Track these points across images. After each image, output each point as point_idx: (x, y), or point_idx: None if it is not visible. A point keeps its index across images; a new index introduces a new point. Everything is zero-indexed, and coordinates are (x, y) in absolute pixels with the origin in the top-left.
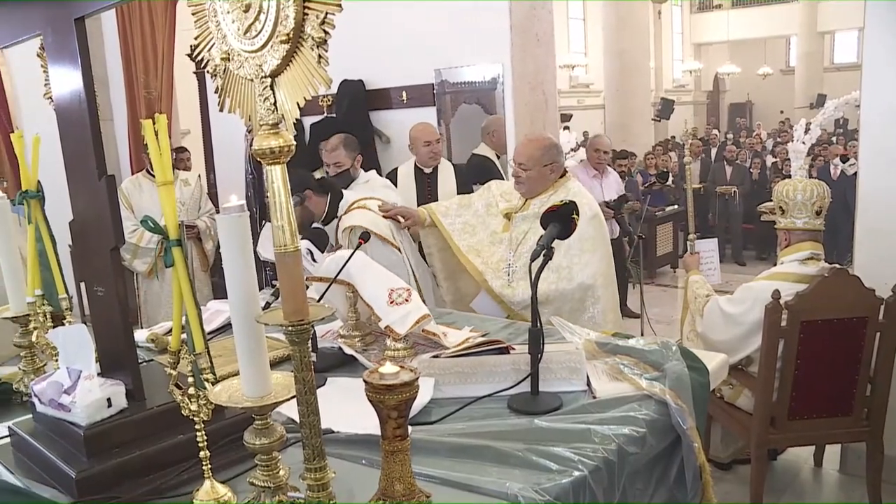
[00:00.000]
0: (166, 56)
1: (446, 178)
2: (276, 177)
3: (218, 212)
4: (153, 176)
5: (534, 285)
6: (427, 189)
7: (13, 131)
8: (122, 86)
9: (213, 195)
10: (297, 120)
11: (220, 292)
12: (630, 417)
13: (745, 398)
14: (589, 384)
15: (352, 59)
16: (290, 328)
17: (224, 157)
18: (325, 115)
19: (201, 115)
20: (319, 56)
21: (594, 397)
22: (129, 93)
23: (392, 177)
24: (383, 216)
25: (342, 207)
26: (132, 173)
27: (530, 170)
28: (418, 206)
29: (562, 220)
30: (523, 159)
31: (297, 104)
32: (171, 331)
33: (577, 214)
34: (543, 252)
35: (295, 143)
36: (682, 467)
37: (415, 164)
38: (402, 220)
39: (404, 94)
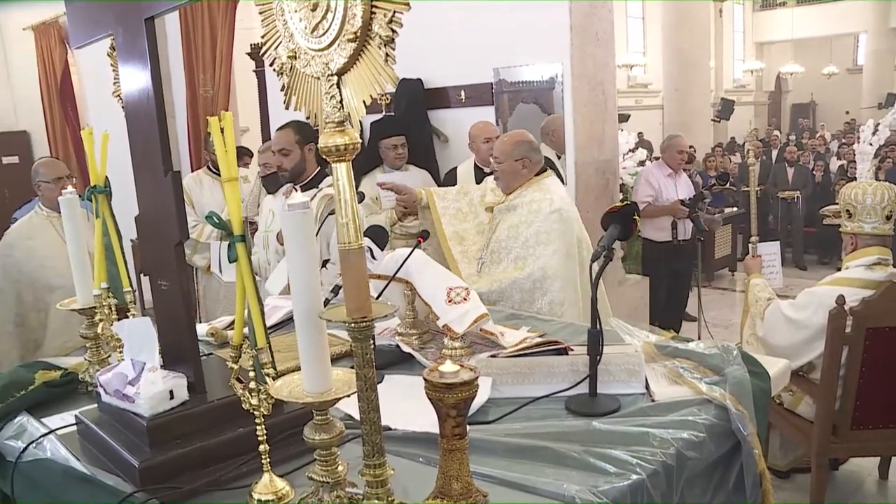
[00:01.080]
0: (225, 55)
1: None
2: (342, 174)
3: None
4: (213, 173)
5: (594, 286)
6: None
7: (81, 129)
8: (182, 84)
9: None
10: None
11: None
12: (689, 422)
13: (806, 405)
14: (647, 387)
15: (411, 58)
16: (352, 325)
17: None
18: (385, 113)
19: (260, 113)
20: (387, 55)
21: (653, 400)
22: (189, 91)
23: (451, 176)
24: (382, 188)
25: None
26: (192, 170)
27: (503, 163)
28: None
29: (623, 220)
30: (497, 153)
31: (363, 102)
32: (230, 325)
33: (639, 216)
34: (604, 253)
35: (360, 140)
36: (742, 474)
37: (474, 163)
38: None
39: (463, 93)
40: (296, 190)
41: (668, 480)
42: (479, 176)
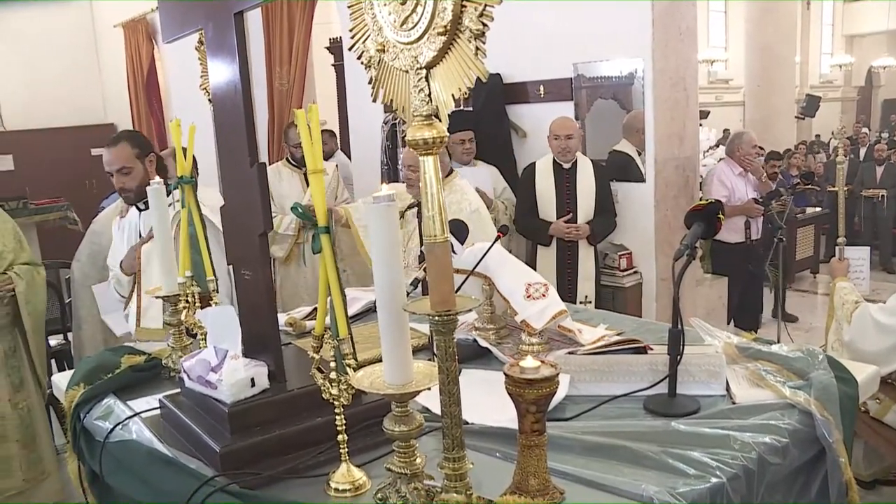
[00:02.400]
0: (301, 49)
1: (585, 173)
2: (429, 167)
3: (353, 201)
4: (292, 165)
5: (676, 284)
6: (566, 184)
7: (165, 122)
8: (263, 78)
9: (349, 185)
10: None
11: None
12: (772, 426)
13: (894, 415)
14: (728, 389)
15: (489, 53)
16: (436, 318)
17: (360, 147)
18: (462, 107)
19: (338, 107)
20: (477, 48)
21: (733, 403)
22: (269, 85)
23: (530, 171)
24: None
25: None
26: (270, 163)
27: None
28: (557, 202)
29: (706, 219)
30: (412, 162)
31: (452, 96)
32: (308, 315)
33: (724, 214)
34: (687, 252)
35: (448, 134)
36: (825, 482)
37: (553, 160)
38: None
39: (541, 88)
40: (139, 209)
41: (748, 485)
42: (559, 172)
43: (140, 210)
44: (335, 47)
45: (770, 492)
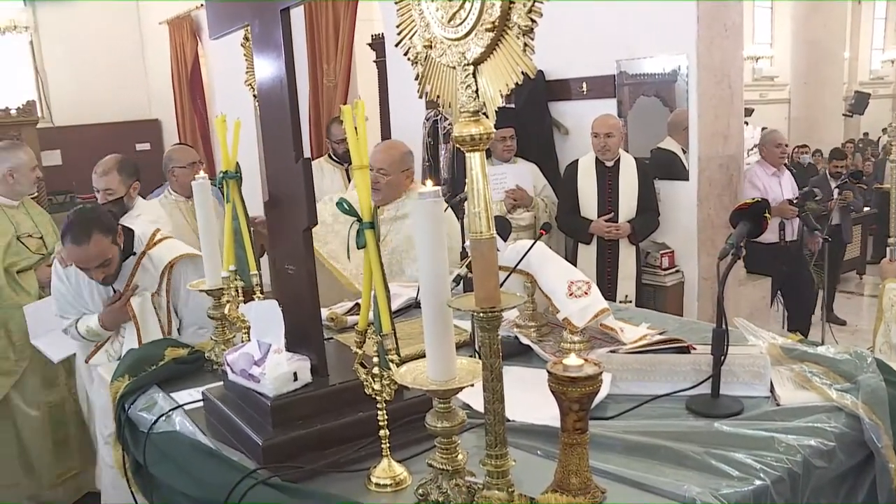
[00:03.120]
0: (346, 45)
1: (628, 171)
2: (476, 164)
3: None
4: (335, 160)
5: (721, 283)
6: (608, 182)
7: (208, 117)
8: (305, 74)
9: None
10: None
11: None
12: (818, 429)
13: None
14: (772, 390)
15: None
16: (480, 314)
17: None
18: (503, 104)
19: (380, 104)
20: (525, 44)
21: (778, 404)
22: (312, 81)
23: (572, 169)
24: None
25: (140, 243)
26: (313, 158)
27: (390, 175)
28: (599, 200)
29: (753, 218)
30: (384, 165)
31: (500, 92)
32: (350, 311)
33: (770, 213)
34: (732, 251)
35: (503, 130)
36: (873, 488)
37: (596, 157)
38: None
39: (584, 85)
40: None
41: (793, 488)
42: (601, 170)
43: None
44: (377, 44)
45: (815, 496)
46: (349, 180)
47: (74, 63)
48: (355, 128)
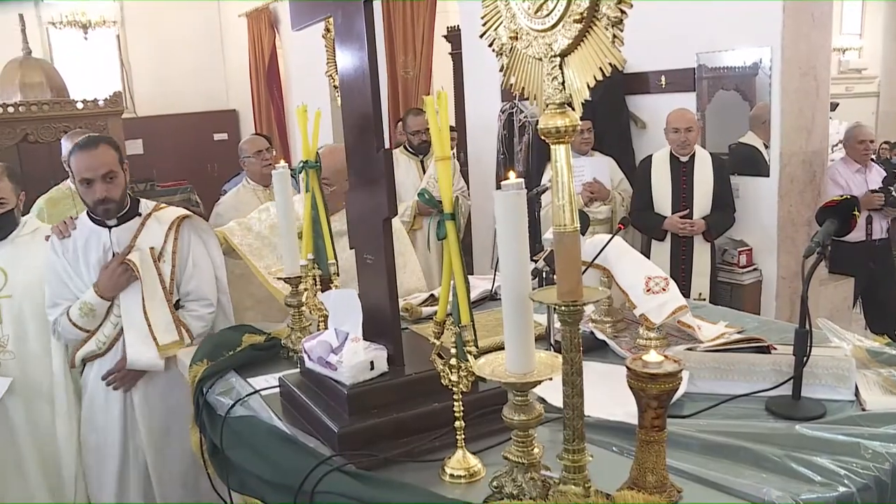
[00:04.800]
0: (426, 37)
1: (703, 167)
2: (561, 156)
3: (468, 191)
4: (410, 152)
5: (805, 282)
6: (683, 178)
7: (285, 108)
8: (382, 65)
9: (464, 173)
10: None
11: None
12: None
13: None
14: (857, 394)
15: None
16: (562, 308)
17: (476, 137)
18: None
19: (455, 96)
20: (614, 36)
21: (863, 409)
22: (389, 72)
23: (647, 164)
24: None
25: (146, 207)
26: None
27: (334, 185)
28: (673, 196)
29: (841, 216)
30: (327, 174)
31: (587, 84)
32: (424, 301)
33: (859, 211)
34: (818, 250)
35: (580, 123)
36: None
37: (671, 152)
38: None
39: (663, 78)
40: (108, 226)
41: (880, 497)
42: (676, 165)
43: (110, 227)
44: (453, 36)
45: None
46: (424, 171)
47: (157, 56)
48: (437, 120)
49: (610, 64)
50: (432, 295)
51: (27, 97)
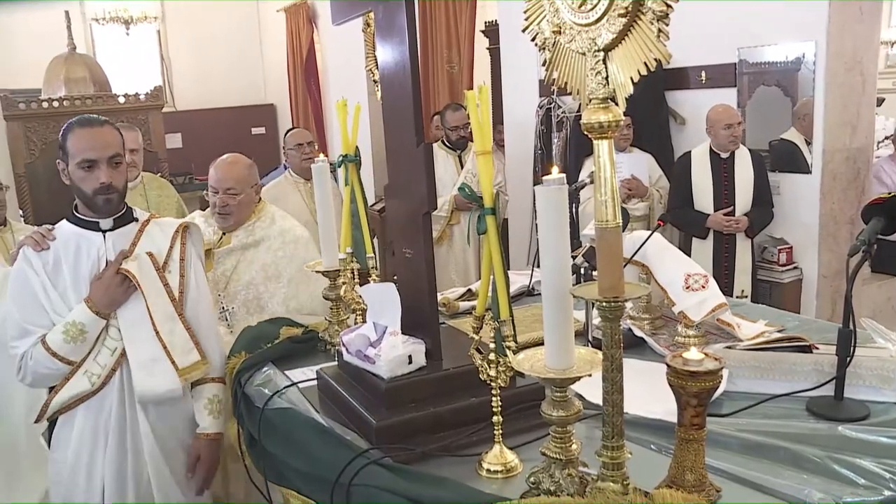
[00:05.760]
0: (468, 32)
1: (743, 164)
2: (603, 151)
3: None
4: (447, 146)
5: (850, 281)
6: (724, 175)
7: (321, 101)
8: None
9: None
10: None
11: None
12: None
13: None
14: None
15: None
16: (604, 304)
17: (514, 132)
18: None
19: (492, 91)
20: (659, 30)
21: None
22: (424, 67)
23: (685, 161)
24: None
25: (142, 215)
26: None
27: (241, 194)
28: (714, 193)
29: (888, 214)
30: (231, 183)
31: (631, 79)
32: (462, 296)
33: None
34: (864, 249)
35: (624, 118)
36: None
37: (710, 149)
38: None
39: (703, 73)
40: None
41: None
42: (716, 162)
43: (104, 230)
44: (490, 31)
45: None
46: (461, 167)
47: (196, 51)
48: (478, 114)
49: (655, 59)
50: (469, 290)
51: (71, 92)
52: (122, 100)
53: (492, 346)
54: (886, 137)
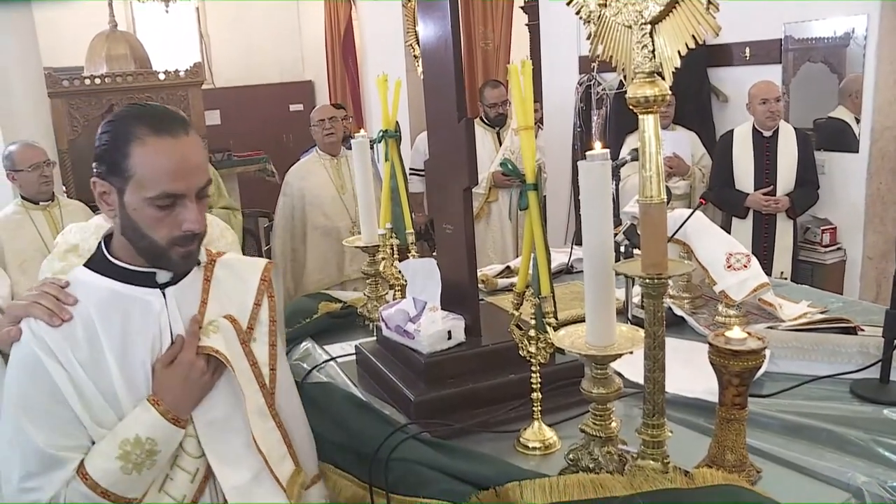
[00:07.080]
0: (505, 8)
1: (787, 142)
2: (649, 126)
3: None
4: (486, 124)
5: None
6: (766, 154)
7: (358, 78)
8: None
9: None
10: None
11: None
12: None
13: None
14: None
15: None
16: (646, 280)
17: (552, 109)
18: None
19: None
20: (709, 2)
21: None
22: (465, 43)
23: (727, 139)
24: None
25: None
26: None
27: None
28: (755, 172)
29: None
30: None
31: (678, 52)
32: (500, 273)
33: None
34: None
35: (670, 92)
36: None
37: (753, 127)
38: None
39: (748, 50)
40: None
41: None
42: (759, 140)
43: (162, 286)
44: (530, 7)
45: None
46: (500, 144)
47: (235, 28)
48: (521, 89)
49: (708, 30)
50: (507, 267)
51: (112, 69)
52: (162, 77)
53: (532, 322)
54: None
